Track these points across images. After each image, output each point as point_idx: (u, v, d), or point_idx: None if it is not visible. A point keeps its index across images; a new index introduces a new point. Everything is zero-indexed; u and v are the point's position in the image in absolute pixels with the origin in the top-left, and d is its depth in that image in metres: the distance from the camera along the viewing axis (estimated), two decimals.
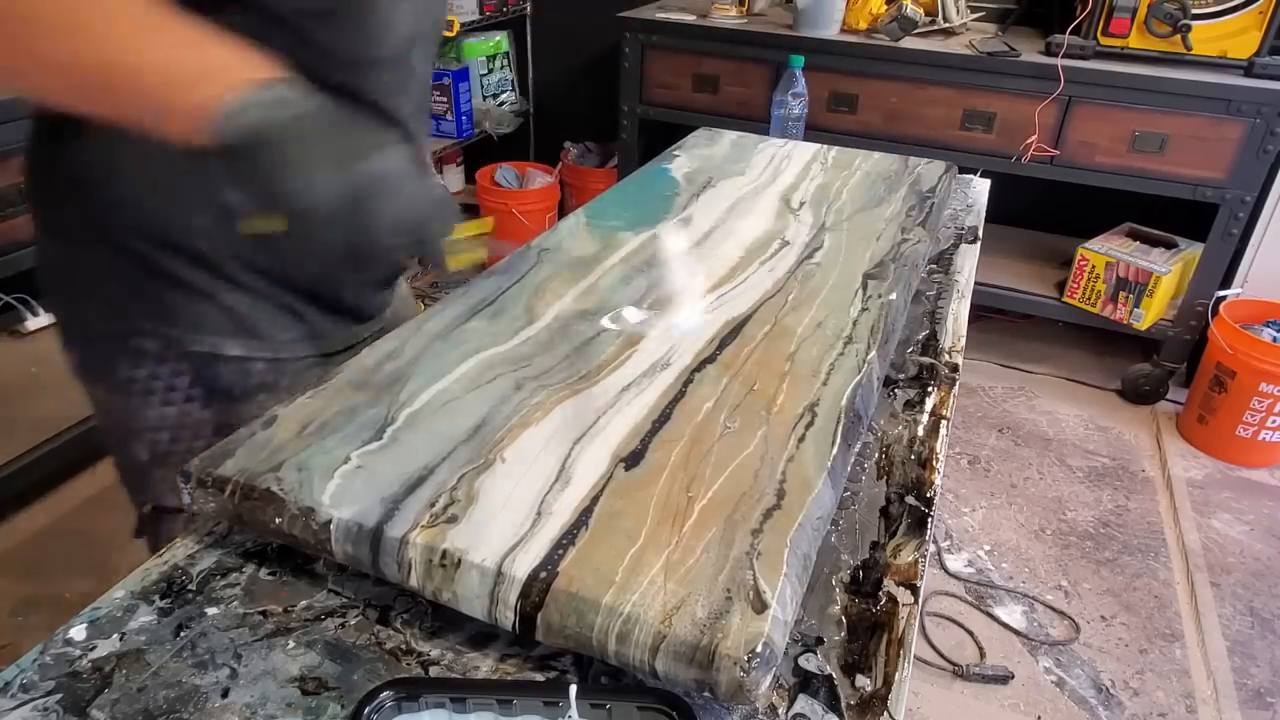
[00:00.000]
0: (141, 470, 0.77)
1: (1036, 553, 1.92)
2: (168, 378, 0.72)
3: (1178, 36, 2.09)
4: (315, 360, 0.81)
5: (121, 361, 0.72)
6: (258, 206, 0.53)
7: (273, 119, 0.49)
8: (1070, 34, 2.16)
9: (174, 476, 0.73)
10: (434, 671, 0.53)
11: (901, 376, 0.88)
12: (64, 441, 1.75)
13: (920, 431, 0.79)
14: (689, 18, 2.49)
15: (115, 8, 0.48)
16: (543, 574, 0.52)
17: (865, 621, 0.58)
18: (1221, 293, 2.29)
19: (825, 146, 1.40)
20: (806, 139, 1.45)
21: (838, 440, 0.66)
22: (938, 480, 0.72)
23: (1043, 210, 2.77)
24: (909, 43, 2.30)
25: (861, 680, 0.54)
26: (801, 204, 1.16)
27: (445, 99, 2.75)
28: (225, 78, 0.49)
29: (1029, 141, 2.22)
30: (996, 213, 1.74)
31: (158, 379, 0.72)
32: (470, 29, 2.84)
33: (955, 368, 0.89)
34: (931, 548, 1.81)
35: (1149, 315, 2.34)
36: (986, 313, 2.66)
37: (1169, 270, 2.28)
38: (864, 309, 0.87)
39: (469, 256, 0.67)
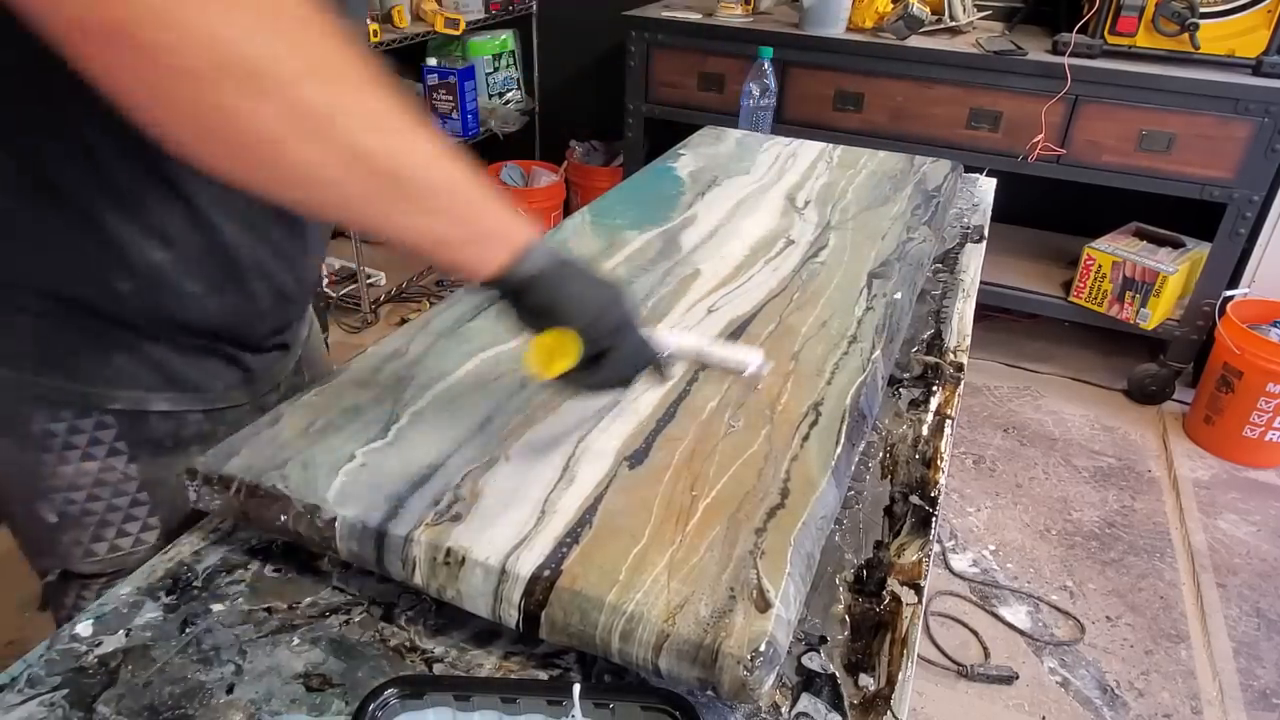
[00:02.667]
0: (48, 533, 0.70)
1: (1042, 553, 1.91)
2: (91, 430, 0.65)
3: (1185, 35, 2.08)
4: (250, 407, 0.74)
5: (36, 414, 0.64)
6: (538, 325, 0.57)
7: (553, 263, 0.56)
8: (1077, 33, 2.15)
9: (86, 538, 0.70)
10: (438, 669, 0.54)
11: (906, 376, 0.87)
12: None
13: (925, 431, 0.78)
14: (694, 16, 2.48)
15: (419, 130, 0.49)
16: (546, 572, 0.52)
17: (869, 621, 0.58)
18: (1229, 292, 2.27)
19: (830, 145, 1.40)
20: (812, 138, 1.45)
21: (842, 439, 0.66)
22: (942, 480, 0.72)
23: (1049, 209, 2.76)
24: (915, 41, 2.29)
25: (865, 680, 0.54)
26: (807, 203, 1.16)
27: (451, 97, 2.74)
28: (518, 228, 0.55)
29: (1035, 140, 2.21)
30: (1002, 212, 1.73)
31: (79, 433, 0.65)
32: (476, 28, 2.84)
33: (960, 367, 0.89)
34: (936, 547, 1.81)
35: (1155, 315, 2.33)
36: (992, 312, 2.66)
37: (1176, 270, 2.27)
38: (869, 308, 0.87)
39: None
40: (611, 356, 0.59)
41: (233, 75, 0.41)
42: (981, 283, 1.14)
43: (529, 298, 0.56)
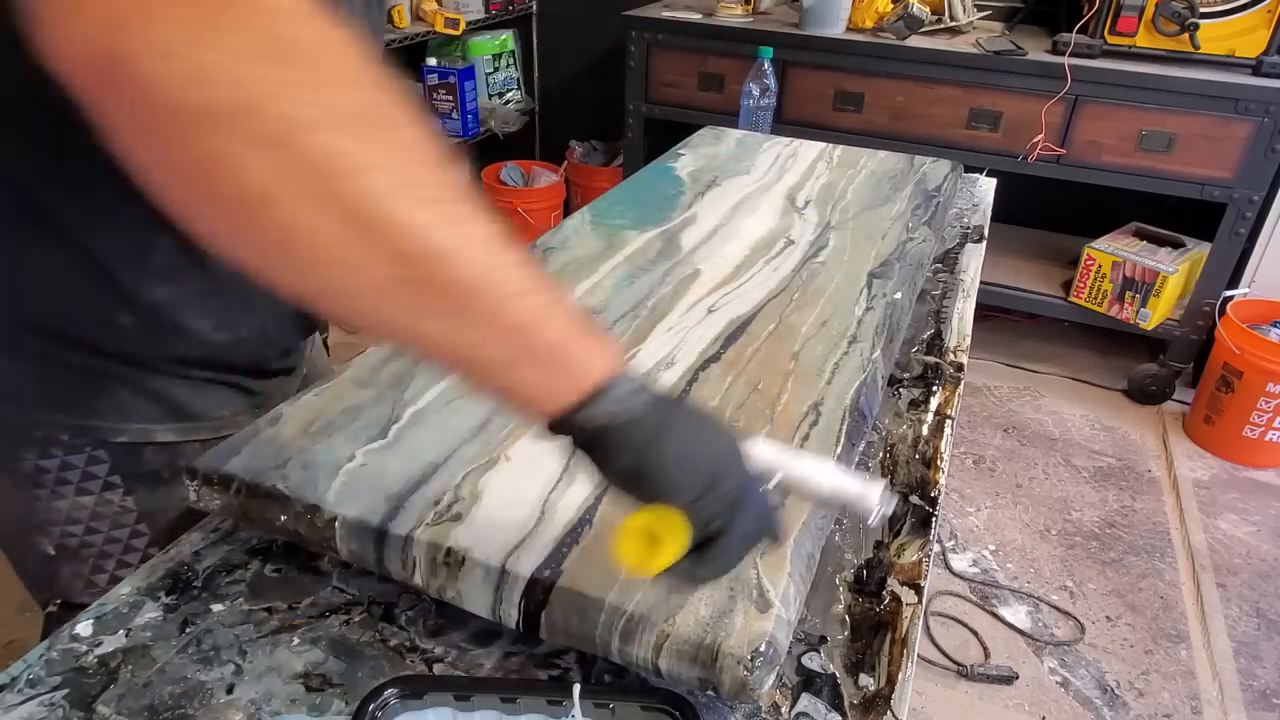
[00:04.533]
0: (47, 566, 0.69)
1: (1041, 553, 1.91)
2: (84, 465, 0.64)
3: (1185, 35, 2.08)
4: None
5: (27, 451, 0.63)
6: (625, 488, 0.44)
7: (644, 405, 0.42)
8: (1077, 33, 2.15)
9: (86, 570, 0.69)
10: (438, 669, 0.54)
11: (906, 376, 0.87)
12: None
13: (925, 431, 0.78)
14: (694, 16, 2.48)
15: (465, 206, 0.38)
16: (546, 572, 0.52)
17: (869, 621, 0.58)
18: (1229, 292, 2.27)
19: (830, 145, 1.40)
20: (812, 138, 1.45)
21: (842, 439, 0.66)
22: (942, 480, 0.72)
23: (1049, 209, 2.76)
24: (915, 41, 2.29)
25: (865, 680, 0.54)
26: (807, 203, 1.16)
27: (451, 97, 2.74)
28: (592, 351, 0.42)
29: (1035, 140, 2.21)
30: (1002, 212, 1.73)
31: (72, 468, 0.64)
32: (476, 28, 2.84)
33: (960, 367, 0.89)
34: (936, 547, 1.81)
35: (1155, 315, 2.33)
36: (992, 312, 2.65)
37: (1176, 270, 2.27)
38: (869, 308, 0.87)
39: None
40: (724, 540, 0.43)
41: (231, 115, 0.33)
42: (981, 283, 1.14)
43: (609, 454, 0.42)
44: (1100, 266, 2.37)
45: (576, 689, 0.47)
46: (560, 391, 0.41)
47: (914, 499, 0.70)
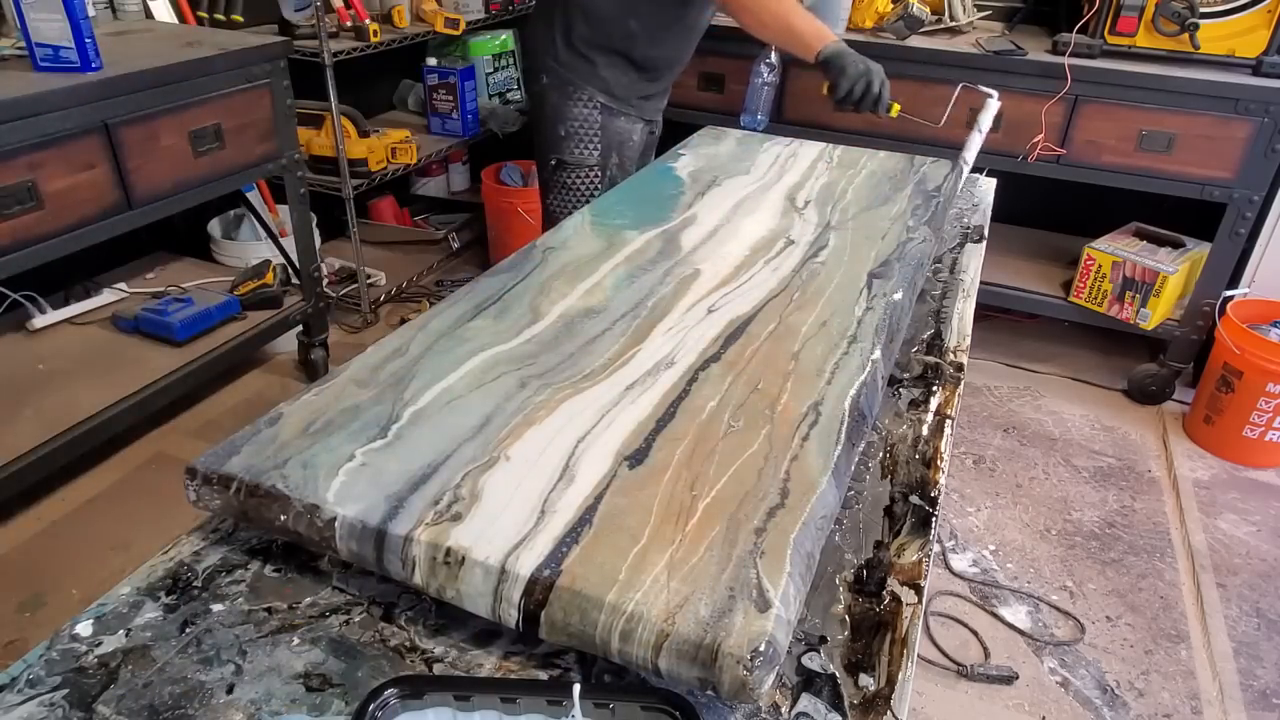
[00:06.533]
0: (558, 139, 1.73)
1: (1041, 553, 1.91)
2: (587, 101, 1.68)
3: (1185, 35, 2.08)
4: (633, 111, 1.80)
5: (577, 93, 1.68)
6: (837, 77, 1.51)
7: (841, 50, 1.50)
8: (1077, 33, 2.15)
9: (572, 144, 1.75)
10: (438, 669, 0.54)
11: (906, 376, 0.87)
12: (71, 438, 1.75)
13: (925, 431, 0.78)
14: None
15: (800, 14, 1.57)
16: (546, 572, 0.52)
17: (869, 621, 0.58)
18: (1229, 292, 2.27)
19: (830, 145, 1.40)
20: (812, 138, 1.45)
21: (842, 439, 0.66)
22: (942, 480, 0.72)
23: (1049, 209, 2.76)
24: (915, 41, 2.29)
25: (865, 679, 0.54)
26: (807, 203, 1.16)
27: (451, 97, 2.74)
28: (825, 35, 1.52)
29: (1035, 140, 2.21)
30: (1003, 212, 1.73)
31: (587, 105, 1.68)
32: (476, 27, 2.84)
33: (960, 367, 0.89)
34: (936, 547, 1.81)
35: (1155, 315, 2.33)
36: (992, 312, 2.66)
37: (1176, 270, 2.27)
38: (869, 308, 0.87)
39: (895, 106, 1.55)
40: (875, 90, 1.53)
41: (764, 9, 1.56)
42: (981, 283, 1.14)
43: (844, 65, 1.49)
44: (1100, 266, 2.37)
45: (576, 689, 0.47)
46: (820, 45, 1.53)
47: (914, 499, 0.70)
